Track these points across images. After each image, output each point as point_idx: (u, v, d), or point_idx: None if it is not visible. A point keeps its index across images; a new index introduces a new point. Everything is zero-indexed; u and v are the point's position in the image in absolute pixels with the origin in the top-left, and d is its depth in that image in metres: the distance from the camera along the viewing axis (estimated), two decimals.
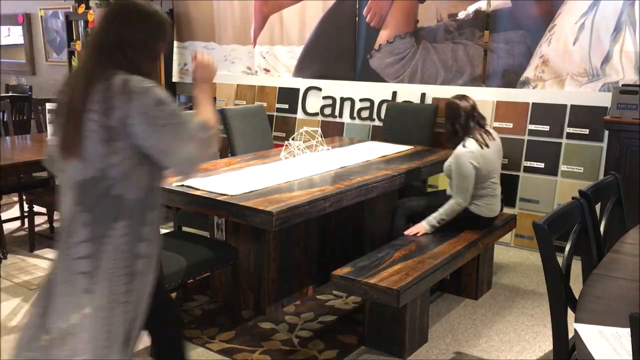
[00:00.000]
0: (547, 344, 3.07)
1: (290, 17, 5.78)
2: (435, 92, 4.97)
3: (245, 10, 6.06)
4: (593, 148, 4.33)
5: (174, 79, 6.70)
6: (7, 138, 4.86)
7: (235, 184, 3.07)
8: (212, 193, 2.90)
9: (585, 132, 4.35)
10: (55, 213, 4.65)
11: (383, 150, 4.17)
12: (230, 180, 3.16)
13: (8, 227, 4.77)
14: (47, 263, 4.10)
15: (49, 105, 4.67)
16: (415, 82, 5.11)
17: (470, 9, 4.79)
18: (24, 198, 4.62)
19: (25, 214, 4.53)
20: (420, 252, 3.10)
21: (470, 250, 3.25)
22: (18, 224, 4.94)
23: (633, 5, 4.12)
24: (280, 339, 3.07)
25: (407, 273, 2.81)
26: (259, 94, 5.98)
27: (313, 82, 5.67)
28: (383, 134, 4.99)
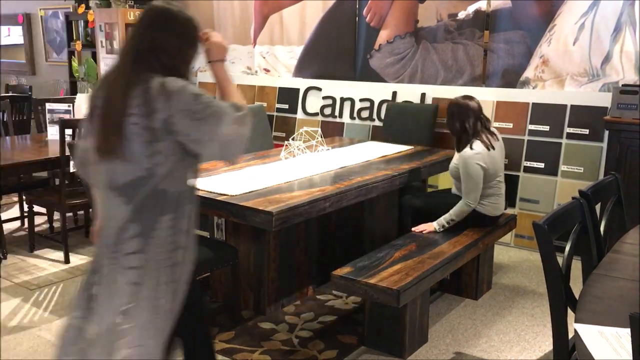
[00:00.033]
0: (547, 344, 3.07)
1: (290, 17, 5.78)
2: (435, 92, 4.97)
3: (245, 10, 6.06)
4: (593, 148, 4.33)
5: None
6: (7, 138, 4.86)
7: (235, 184, 3.07)
8: (212, 193, 2.90)
9: (585, 132, 4.35)
10: (55, 213, 4.66)
11: (383, 150, 4.17)
12: (230, 180, 3.17)
13: (8, 227, 4.76)
14: (47, 263, 4.10)
15: (49, 105, 4.67)
16: (415, 82, 5.11)
17: (470, 9, 4.79)
18: (24, 198, 4.61)
19: (25, 214, 4.52)
20: (420, 252, 3.10)
21: (470, 250, 3.25)
22: (18, 224, 4.93)
23: (633, 5, 4.12)
24: (280, 339, 3.07)
25: (407, 273, 2.81)
26: (259, 94, 5.98)
27: (313, 82, 5.67)
28: (383, 134, 4.99)
